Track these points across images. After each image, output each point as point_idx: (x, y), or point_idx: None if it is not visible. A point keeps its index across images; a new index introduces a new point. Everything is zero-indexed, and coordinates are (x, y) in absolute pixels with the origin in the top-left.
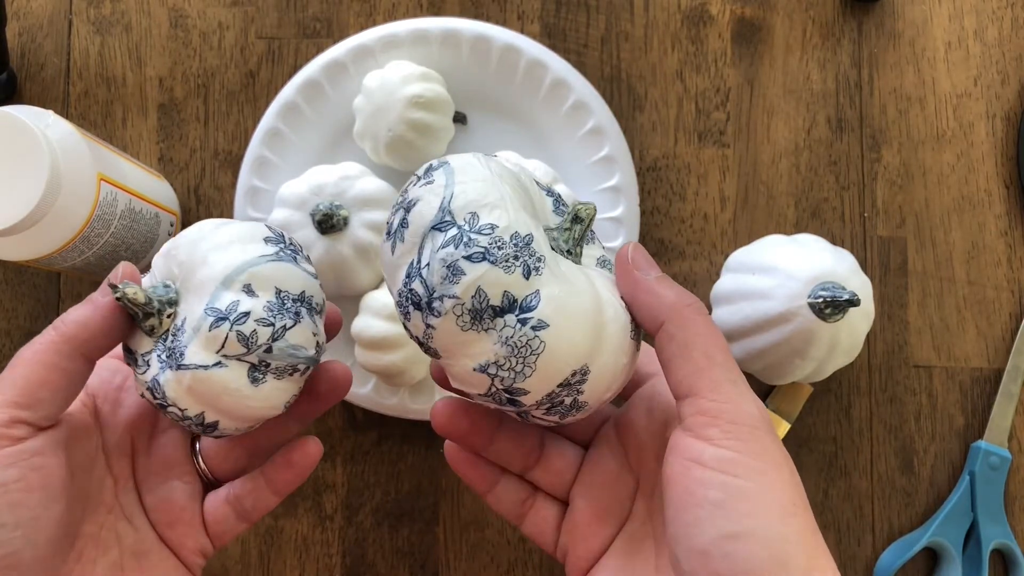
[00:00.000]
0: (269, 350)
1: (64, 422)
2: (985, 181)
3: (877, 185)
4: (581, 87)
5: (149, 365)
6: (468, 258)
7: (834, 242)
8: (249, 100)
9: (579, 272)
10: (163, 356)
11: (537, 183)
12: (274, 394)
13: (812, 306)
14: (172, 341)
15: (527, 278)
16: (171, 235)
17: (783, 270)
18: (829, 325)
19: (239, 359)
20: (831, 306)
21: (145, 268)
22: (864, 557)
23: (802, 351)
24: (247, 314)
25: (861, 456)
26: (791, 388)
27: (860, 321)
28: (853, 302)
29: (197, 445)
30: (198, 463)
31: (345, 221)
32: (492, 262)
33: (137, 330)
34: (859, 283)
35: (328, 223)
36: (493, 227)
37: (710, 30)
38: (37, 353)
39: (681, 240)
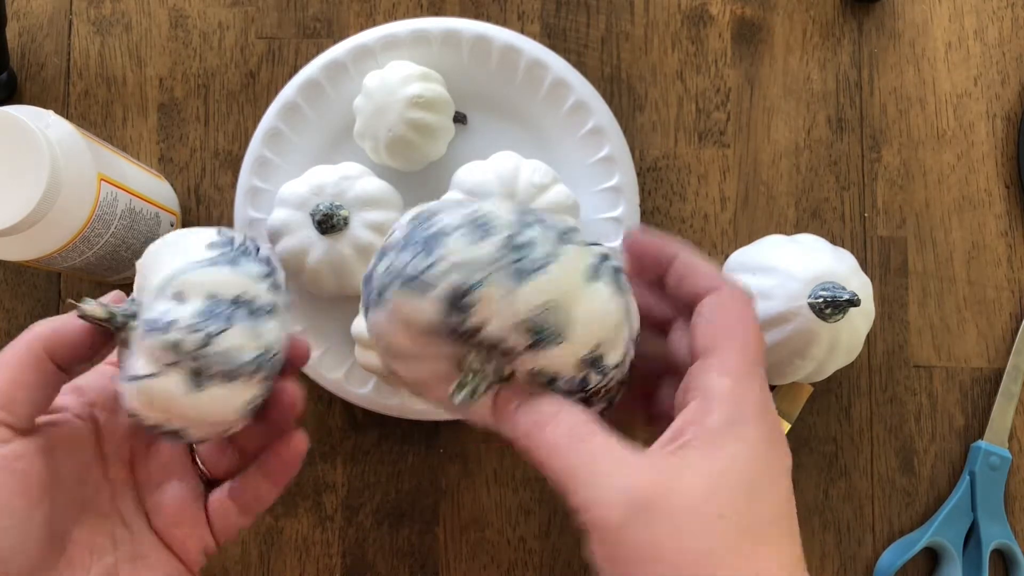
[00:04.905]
0: (198, 357)
1: (48, 431)
2: (985, 181)
3: (877, 185)
4: (581, 87)
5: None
6: None
7: (834, 242)
8: (249, 100)
9: None
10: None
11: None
12: (223, 399)
13: (812, 306)
14: (125, 353)
15: None
16: None
17: (783, 270)
18: (829, 325)
19: (176, 367)
20: (831, 306)
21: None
22: (864, 557)
23: (802, 351)
24: (174, 322)
25: (861, 456)
26: (791, 388)
27: (860, 321)
28: (853, 302)
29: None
30: (198, 464)
31: (345, 221)
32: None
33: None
34: (859, 283)
35: (328, 223)
36: None
37: (710, 30)
38: (9, 353)
39: (681, 240)
